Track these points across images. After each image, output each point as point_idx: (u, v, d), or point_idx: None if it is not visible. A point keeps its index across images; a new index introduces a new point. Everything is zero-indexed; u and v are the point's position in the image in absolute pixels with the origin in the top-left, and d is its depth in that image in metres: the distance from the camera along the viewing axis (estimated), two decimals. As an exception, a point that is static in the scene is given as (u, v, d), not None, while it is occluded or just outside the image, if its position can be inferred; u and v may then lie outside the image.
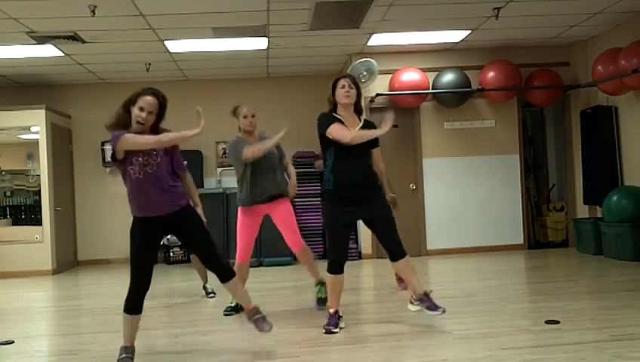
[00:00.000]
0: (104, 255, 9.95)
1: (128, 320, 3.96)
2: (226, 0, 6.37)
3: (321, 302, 5.47)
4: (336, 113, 4.62)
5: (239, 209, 5.43)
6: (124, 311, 3.95)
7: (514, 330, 4.47)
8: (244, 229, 5.40)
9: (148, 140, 3.77)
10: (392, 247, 4.60)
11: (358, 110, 4.67)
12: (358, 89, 4.65)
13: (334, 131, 4.45)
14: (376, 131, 4.52)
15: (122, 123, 3.83)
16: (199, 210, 4.18)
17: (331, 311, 4.67)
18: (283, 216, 5.42)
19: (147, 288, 3.94)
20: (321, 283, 5.52)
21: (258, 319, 4.15)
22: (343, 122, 4.55)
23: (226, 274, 4.12)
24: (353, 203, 4.51)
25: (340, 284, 4.68)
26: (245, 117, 5.36)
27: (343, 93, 4.56)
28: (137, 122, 3.82)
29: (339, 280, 4.64)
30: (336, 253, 4.64)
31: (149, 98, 3.83)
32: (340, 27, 7.46)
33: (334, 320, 4.63)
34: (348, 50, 8.68)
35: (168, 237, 7.53)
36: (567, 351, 3.85)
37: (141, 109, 3.80)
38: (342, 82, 4.61)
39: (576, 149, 9.01)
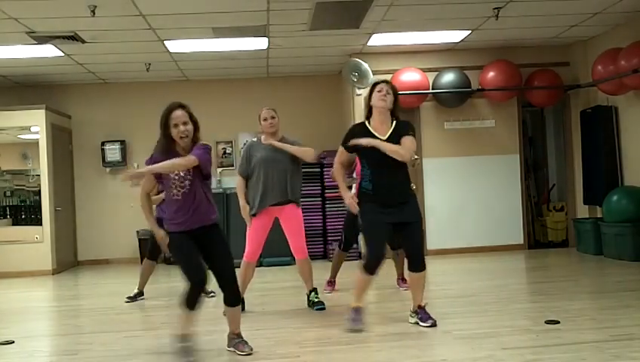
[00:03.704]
0: (104, 255, 9.95)
1: (186, 315, 4.04)
2: (226, 0, 6.37)
3: (319, 304, 5.49)
4: (369, 120, 4.63)
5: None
6: (185, 306, 4.03)
7: (514, 330, 4.47)
8: (255, 231, 5.40)
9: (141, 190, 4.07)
10: (416, 256, 4.62)
11: (395, 116, 4.64)
12: (396, 95, 4.62)
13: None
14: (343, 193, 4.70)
15: (166, 149, 4.00)
16: None
17: (354, 305, 4.65)
18: (291, 221, 5.44)
19: (204, 285, 4.03)
20: (314, 291, 5.57)
21: (239, 342, 4.17)
22: (369, 132, 4.54)
23: (234, 299, 4.16)
24: (391, 206, 4.52)
25: (370, 284, 4.69)
26: (265, 120, 5.40)
27: (379, 97, 4.55)
28: (181, 138, 3.96)
29: (370, 280, 4.64)
30: (374, 254, 4.58)
31: (177, 112, 3.97)
32: (340, 27, 7.46)
33: (357, 314, 4.62)
34: (348, 50, 8.68)
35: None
36: (567, 351, 3.85)
37: (175, 126, 3.95)
38: (380, 86, 4.61)
39: (577, 149, 9.01)
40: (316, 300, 5.52)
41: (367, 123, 4.66)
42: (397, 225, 4.60)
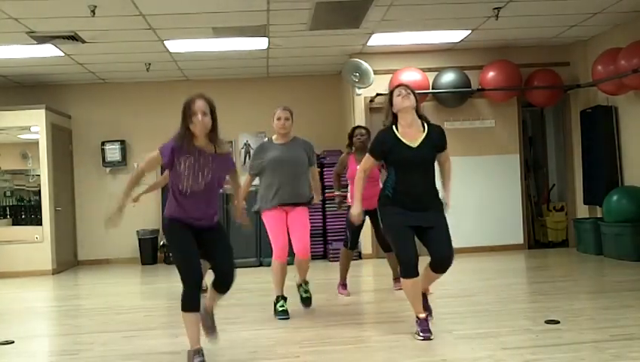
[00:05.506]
0: (104, 255, 9.95)
1: (190, 318, 3.93)
2: (225, 0, 6.37)
3: (307, 301, 5.48)
4: (396, 125, 4.42)
5: (263, 213, 5.29)
6: (183, 309, 3.93)
7: (514, 330, 4.47)
8: (276, 227, 5.23)
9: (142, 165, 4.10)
10: (441, 259, 4.34)
11: (421, 115, 4.51)
12: (415, 94, 4.48)
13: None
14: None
15: (185, 140, 3.94)
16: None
17: (422, 316, 4.36)
18: (298, 221, 5.27)
19: (200, 282, 3.98)
20: (305, 283, 5.50)
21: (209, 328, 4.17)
22: (398, 140, 4.37)
23: (228, 284, 4.08)
24: (411, 209, 4.33)
25: (419, 286, 4.37)
26: (279, 119, 5.26)
27: (401, 99, 4.39)
28: (197, 127, 3.91)
29: (416, 283, 4.33)
30: (405, 253, 4.31)
31: (198, 102, 3.94)
32: (340, 27, 7.46)
33: (426, 325, 4.34)
34: (348, 50, 8.68)
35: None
36: (567, 351, 3.85)
37: (195, 114, 3.90)
38: (398, 90, 4.45)
39: (577, 149, 9.01)
40: (304, 296, 5.49)
41: (394, 129, 4.41)
42: (419, 228, 4.38)
